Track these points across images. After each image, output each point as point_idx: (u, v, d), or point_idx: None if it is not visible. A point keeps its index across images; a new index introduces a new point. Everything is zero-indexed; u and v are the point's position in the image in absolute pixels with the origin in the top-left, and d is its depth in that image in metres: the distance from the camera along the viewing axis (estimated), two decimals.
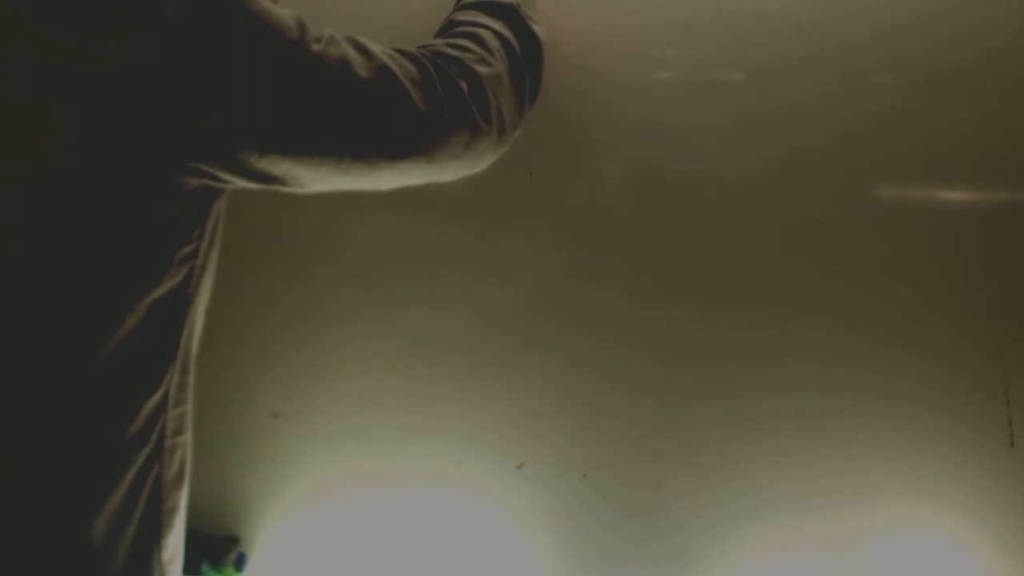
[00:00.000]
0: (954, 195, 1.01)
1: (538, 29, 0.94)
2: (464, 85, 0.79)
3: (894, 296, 1.01)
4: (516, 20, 0.91)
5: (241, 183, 0.68)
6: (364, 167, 0.73)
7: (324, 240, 1.12)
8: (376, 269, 1.11)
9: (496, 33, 0.88)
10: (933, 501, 1.00)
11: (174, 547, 0.70)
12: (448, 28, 0.90)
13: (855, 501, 1.01)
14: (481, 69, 0.82)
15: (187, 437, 0.71)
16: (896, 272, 1.01)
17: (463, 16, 0.91)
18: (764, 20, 1.04)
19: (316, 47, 0.68)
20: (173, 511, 0.69)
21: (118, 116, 0.58)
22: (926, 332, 1.00)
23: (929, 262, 1.00)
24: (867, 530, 1.01)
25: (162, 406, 0.67)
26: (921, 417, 1.00)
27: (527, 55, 0.91)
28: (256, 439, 1.13)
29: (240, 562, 1.11)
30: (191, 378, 0.71)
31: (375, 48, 0.73)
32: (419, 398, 1.10)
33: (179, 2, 0.60)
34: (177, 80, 0.60)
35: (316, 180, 0.72)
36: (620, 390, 1.07)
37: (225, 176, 0.66)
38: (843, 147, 1.02)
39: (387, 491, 1.10)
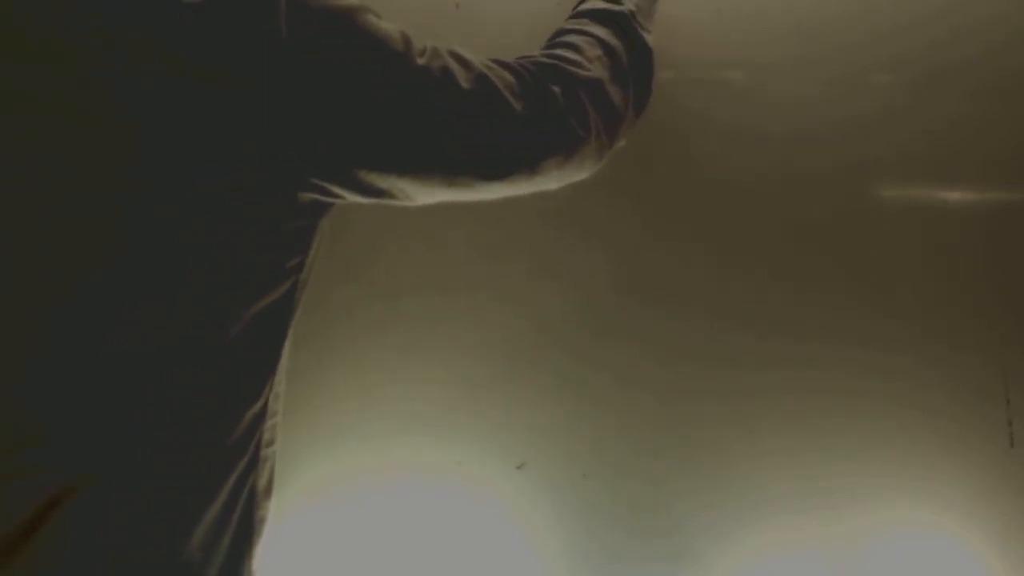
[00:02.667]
0: (954, 195, 1.01)
1: (649, 39, 0.92)
2: (558, 91, 0.78)
3: (894, 296, 1.01)
4: (626, 28, 0.90)
5: (351, 197, 0.69)
6: (470, 179, 0.74)
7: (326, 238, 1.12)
8: (376, 268, 1.11)
9: (600, 41, 0.87)
10: (933, 501, 1.00)
11: (260, 556, 0.70)
12: (555, 36, 0.90)
13: (855, 501, 1.01)
14: (578, 75, 0.81)
15: (276, 447, 0.72)
16: (895, 272, 1.01)
17: (570, 24, 0.90)
18: (764, 20, 1.04)
19: (421, 60, 0.69)
20: (263, 520, 0.70)
21: (236, 133, 0.60)
22: (926, 332, 1.00)
23: (929, 262, 1.00)
24: (867, 530, 1.01)
25: (261, 416, 0.67)
26: (921, 417, 1.00)
27: (635, 64, 0.89)
28: None
29: None
30: (283, 388, 0.72)
31: (473, 58, 0.74)
32: (419, 398, 1.10)
33: (293, 21, 0.61)
34: (292, 97, 0.62)
35: (424, 193, 0.73)
36: (620, 390, 1.07)
37: (336, 190, 0.67)
38: (843, 147, 1.02)
39: (387, 491, 1.10)
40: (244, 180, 0.61)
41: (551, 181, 0.82)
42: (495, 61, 0.77)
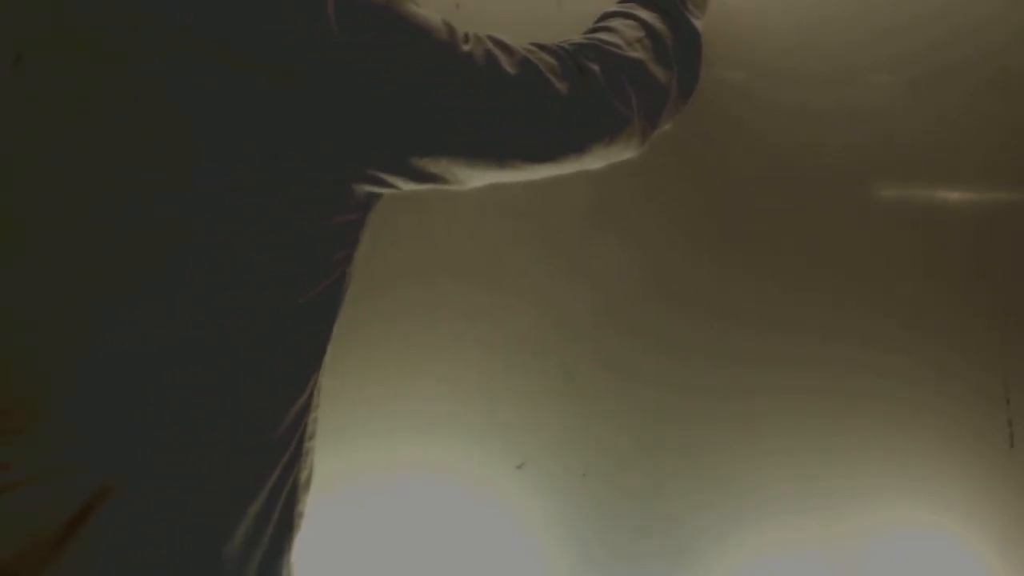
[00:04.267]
0: (954, 195, 1.01)
1: (699, 24, 0.92)
2: (597, 70, 0.79)
3: (893, 296, 1.01)
4: (672, 12, 0.90)
5: (403, 185, 0.70)
6: (520, 161, 0.75)
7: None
8: (379, 264, 1.11)
9: (642, 23, 0.87)
10: (933, 501, 1.00)
11: (298, 549, 0.70)
12: (600, 19, 0.90)
13: (855, 501, 1.01)
14: (616, 55, 0.82)
15: (316, 440, 0.71)
16: (895, 272, 1.01)
17: (615, 8, 0.91)
18: (764, 19, 1.04)
19: (465, 47, 0.70)
20: (302, 515, 0.69)
21: (291, 128, 0.60)
22: (926, 332, 1.00)
23: (928, 262, 1.00)
24: (867, 530, 1.01)
25: (305, 410, 0.67)
26: (921, 417, 1.00)
27: (680, 49, 0.89)
28: None
29: None
30: (323, 381, 0.72)
31: (514, 44, 0.75)
32: (419, 398, 1.10)
33: (342, 16, 0.62)
34: (346, 91, 0.62)
35: (473, 176, 0.74)
36: (620, 390, 1.07)
37: (389, 179, 0.68)
38: (843, 147, 1.02)
39: (387, 491, 1.10)
40: (300, 176, 0.61)
41: (597, 161, 0.83)
42: (535, 45, 0.77)
